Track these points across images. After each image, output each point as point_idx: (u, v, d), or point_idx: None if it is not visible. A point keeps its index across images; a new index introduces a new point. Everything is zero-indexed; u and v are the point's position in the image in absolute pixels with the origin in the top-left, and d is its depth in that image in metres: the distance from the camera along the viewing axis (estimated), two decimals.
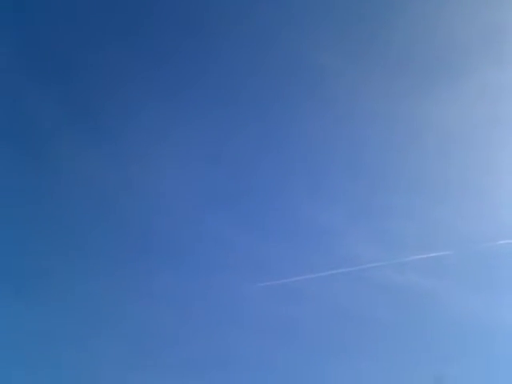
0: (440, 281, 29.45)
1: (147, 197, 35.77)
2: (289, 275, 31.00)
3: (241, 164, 36.90)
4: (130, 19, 34.26)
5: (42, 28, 32.87)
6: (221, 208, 38.38)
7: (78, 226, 33.57)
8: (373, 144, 37.51)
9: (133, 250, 32.85)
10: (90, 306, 29.54)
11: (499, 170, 32.52)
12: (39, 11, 31.43)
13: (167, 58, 39.07)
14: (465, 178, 34.31)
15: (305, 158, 36.48)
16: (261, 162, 38.76)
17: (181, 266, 32.50)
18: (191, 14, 32.71)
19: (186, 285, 31.05)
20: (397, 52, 36.04)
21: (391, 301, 30.00)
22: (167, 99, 38.37)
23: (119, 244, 32.78)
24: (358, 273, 30.20)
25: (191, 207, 34.89)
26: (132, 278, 31.15)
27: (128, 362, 26.44)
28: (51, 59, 34.08)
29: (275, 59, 37.51)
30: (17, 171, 31.44)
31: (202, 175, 36.81)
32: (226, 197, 37.39)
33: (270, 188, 36.77)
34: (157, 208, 36.80)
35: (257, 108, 38.80)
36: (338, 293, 31.50)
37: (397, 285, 30.18)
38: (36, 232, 31.41)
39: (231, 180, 37.07)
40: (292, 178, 36.92)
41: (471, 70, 33.39)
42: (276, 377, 26.75)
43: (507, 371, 20.99)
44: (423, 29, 33.20)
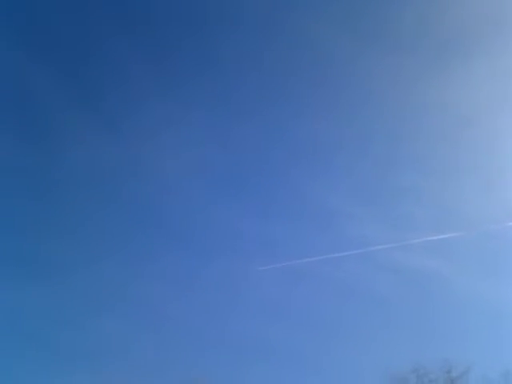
0: (448, 262, 29.42)
1: (155, 180, 35.33)
2: (297, 257, 30.95)
3: (248, 147, 36.32)
4: (140, 10, 33.36)
5: (52, 18, 32.21)
6: (228, 191, 37.75)
7: (87, 210, 33.33)
8: (381, 126, 36.67)
9: (141, 233, 32.79)
10: (100, 287, 29.66)
11: (508, 154, 31.80)
12: (50, 2, 30.79)
13: (178, 44, 37.82)
14: (474, 161, 33.70)
15: (313, 141, 35.84)
16: (268, 145, 37.92)
17: (188, 249, 32.50)
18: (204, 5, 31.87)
19: (194, 267, 31.12)
20: (408, 35, 34.98)
21: (400, 282, 29.97)
22: (177, 85, 37.73)
23: (127, 227, 32.72)
24: (367, 255, 30.12)
25: (199, 191, 34.54)
26: (140, 260, 31.19)
27: (136, 342, 26.73)
28: (60, 48, 33.35)
29: (285, 46, 36.32)
30: (25, 156, 31.23)
31: (210, 159, 36.25)
32: (234, 180, 36.84)
33: (278, 171, 36.23)
34: (165, 192, 36.32)
35: (264, 94, 37.89)
36: (347, 274, 31.46)
37: (406, 266, 30.13)
38: (45, 215, 31.40)
39: (239, 163, 36.50)
40: (300, 162, 36.29)
41: (482, 54, 32.38)
42: (284, 357, 27.01)
43: None
44: (435, 12, 32.27)
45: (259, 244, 34.72)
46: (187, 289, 32.08)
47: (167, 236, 35.05)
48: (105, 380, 23.49)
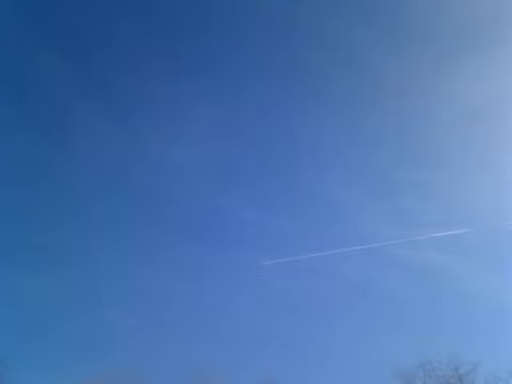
0: (457, 258, 29.30)
1: (164, 172, 35.32)
2: (306, 252, 30.92)
3: (258, 141, 36.19)
4: (154, 3, 33.21)
5: (62, 10, 32.11)
6: (238, 185, 37.66)
7: (96, 200, 33.42)
8: (391, 122, 36.44)
9: (149, 225, 32.84)
10: (108, 278, 29.80)
11: None
12: None
13: (191, 38, 37.54)
14: (484, 157, 33.44)
15: (322, 136, 35.67)
16: (278, 140, 37.81)
17: (197, 241, 32.54)
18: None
19: (203, 259, 31.17)
20: (422, 29, 34.59)
21: (408, 278, 29.89)
22: (188, 79, 37.38)
23: (135, 217, 32.76)
24: (375, 250, 30.07)
25: (208, 183, 34.51)
26: (148, 251, 31.29)
27: (143, 331, 26.86)
28: (72, 40, 33.29)
29: (297, 41, 35.97)
30: (36, 147, 31.30)
31: (220, 152, 36.16)
32: (243, 174, 36.74)
33: (287, 166, 36.10)
34: (174, 184, 36.31)
35: (276, 89, 37.61)
36: (355, 269, 31.40)
37: (414, 262, 30.05)
38: (55, 206, 31.51)
39: (249, 157, 36.37)
40: (310, 157, 36.15)
41: (495, 47, 31.98)
42: (291, 350, 27.05)
43: None
44: (447, 6, 31.88)
45: (267, 238, 34.84)
46: (195, 280, 32.30)
47: (175, 228, 35.25)
48: (113, 369, 23.72)
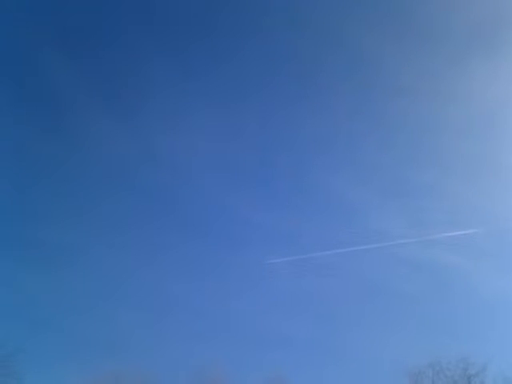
0: (468, 258, 29.04)
1: (171, 171, 35.41)
2: (317, 250, 30.84)
3: (266, 140, 36.13)
4: (160, 2, 33.29)
5: (69, 9, 32.31)
6: (245, 183, 37.65)
7: (103, 198, 33.62)
8: (403, 122, 36.18)
9: (155, 223, 32.94)
10: (116, 275, 29.94)
11: None
12: None
13: (201, 38, 37.59)
14: (495, 157, 33.11)
15: (334, 135, 35.55)
16: (289, 139, 37.73)
17: (204, 240, 32.55)
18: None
19: (210, 257, 31.21)
20: (435, 29, 34.28)
21: (419, 277, 29.68)
22: (194, 75, 37.44)
23: (140, 216, 32.88)
24: (386, 249, 29.90)
25: (215, 182, 34.53)
26: (153, 250, 31.37)
27: (149, 330, 26.97)
28: (78, 39, 33.49)
29: (307, 41, 35.85)
30: (39, 141, 31.55)
31: (228, 151, 36.16)
32: (253, 173, 36.70)
33: (298, 164, 36.01)
34: (181, 182, 36.39)
35: (286, 87, 37.51)
36: (366, 268, 31.25)
37: (425, 261, 29.82)
38: (61, 203, 31.73)
39: (258, 156, 36.35)
40: (321, 155, 36.03)
41: (509, 48, 31.58)
42: (300, 349, 27.02)
43: None
44: (460, 7, 31.54)
45: (276, 236, 34.77)
46: (201, 279, 32.33)
47: (181, 227, 35.27)
48: (116, 367, 23.79)
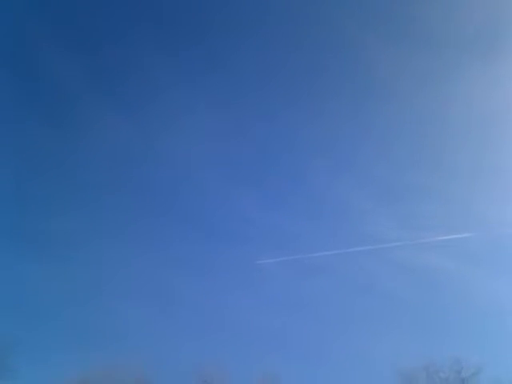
0: (461, 262, 29.22)
1: (172, 167, 35.30)
2: (311, 251, 30.89)
3: (266, 140, 36.15)
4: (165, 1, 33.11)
5: (74, 6, 32.11)
6: (245, 182, 37.65)
7: (102, 192, 33.46)
8: (400, 126, 36.34)
9: (154, 218, 32.85)
10: (113, 269, 29.84)
11: None
12: None
13: (205, 39, 37.46)
14: (493, 162, 33.33)
15: (331, 138, 35.62)
16: (287, 141, 37.78)
17: (203, 237, 32.50)
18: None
19: (208, 254, 31.15)
20: (435, 33, 34.42)
21: (412, 280, 29.84)
22: (197, 72, 37.30)
23: (141, 210, 32.79)
24: (380, 251, 30.00)
25: (215, 180, 34.51)
26: (153, 245, 31.33)
27: (148, 324, 26.91)
28: (82, 37, 33.31)
29: (309, 46, 35.79)
30: (44, 136, 31.34)
31: (229, 151, 36.12)
32: (251, 172, 36.69)
33: (295, 166, 36.07)
34: (181, 178, 36.28)
35: (286, 91, 37.55)
36: (360, 270, 31.37)
37: (418, 264, 29.98)
38: (64, 197, 31.58)
39: (257, 157, 36.36)
40: (318, 158, 36.11)
41: (509, 52, 31.87)
42: (294, 350, 27.02)
43: None
44: (461, 11, 31.70)
45: (273, 236, 34.84)
46: (199, 275, 32.35)
47: (182, 223, 35.29)
48: (115, 360, 23.81)
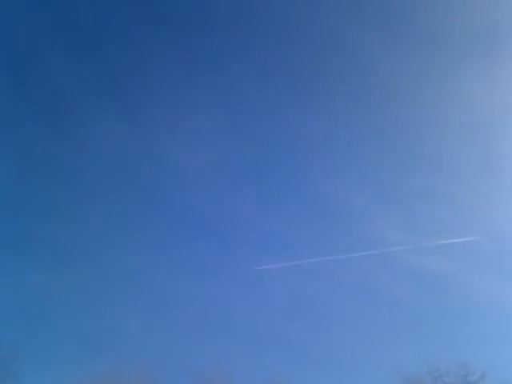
0: (465, 266, 28.95)
1: (173, 172, 35.19)
2: (314, 256, 30.69)
3: (269, 144, 36.11)
4: (164, 4, 33.33)
5: (74, 10, 32.24)
6: (246, 187, 37.45)
7: (103, 198, 33.42)
8: (403, 128, 36.23)
9: (155, 223, 32.76)
10: (114, 275, 29.73)
11: None
12: None
13: (203, 39, 37.53)
14: (496, 164, 33.09)
15: (334, 141, 35.53)
16: (289, 144, 37.71)
17: (205, 242, 32.37)
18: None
19: (210, 259, 31.02)
20: (436, 33, 34.41)
21: (417, 284, 29.56)
22: (198, 77, 37.33)
23: (142, 216, 32.72)
24: (384, 256, 29.78)
25: (217, 185, 34.36)
26: (154, 251, 31.20)
27: (150, 330, 26.75)
28: (82, 40, 33.41)
29: (309, 46, 35.84)
30: (43, 141, 31.39)
31: (230, 154, 36.05)
32: (254, 176, 36.58)
33: (298, 169, 35.94)
34: (184, 184, 36.22)
35: (287, 93, 37.55)
36: (364, 275, 31.11)
37: (423, 269, 29.72)
38: (63, 204, 31.56)
39: (259, 160, 36.26)
40: (321, 161, 36.00)
41: (507, 54, 31.74)
42: (298, 355, 26.79)
43: None
44: (459, 12, 31.74)
45: (275, 240, 34.69)
46: (201, 281, 32.22)
47: (183, 228, 35.19)
48: (117, 367, 23.72)
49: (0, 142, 33.05)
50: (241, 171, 36.89)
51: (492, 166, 31.79)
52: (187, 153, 35.55)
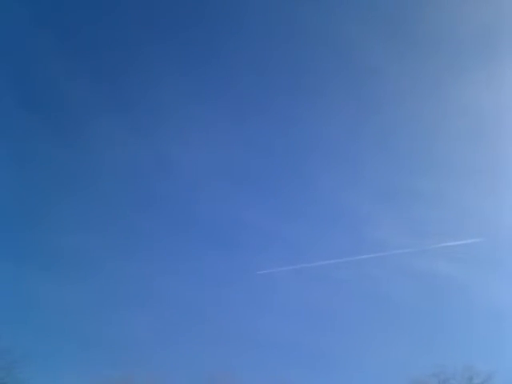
0: (467, 268, 29.12)
1: (181, 180, 35.39)
2: (316, 259, 30.87)
3: (273, 149, 36.31)
4: (169, 12, 33.51)
5: (81, 19, 32.40)
6: (252, 192, 37.62)
7: (110, 204, 33.60)
8: (403, 131, 36.44)
9: (162, 228, 33.00)
10: (120, 280, 29.90)
11: None
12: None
13: (205, 47, 37.72)
14: (497, 166, 33.33)
15: (335, 142, 35.73)
16: (291, 148, 37.91)
17: (211, 246, 32.52)
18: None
19: (210, 264, 31.18)
20: (433, 34, 34.54)
21: (420, 287, 29.73)
22: (200, 81, 37.46)
23: (150, 222, 32.92)
24: (386, 258, 29.96)
25: (224, 191, 34.58)
26: (159, 255, 31.40)
27: (155, 333, 26.92)
28: (90, 51, 33.61)
29: (310, 46, 36.10)
30: (54, 150, 31.59)
31: (235, 161, 36.24)
32: (258, 181, 36.79)
33: (300, 173, 36.16)
34: (190, 191, 36.37)
35: (291, 97, 37.75)
36: (366, 278, 31.31)
37: (425, 271, 29.91)
38: (74, 212, 31.72)
39: (263, 165, 36.45)
40: (322, 165, 36.16)
41: (507, 55, 31.93)
42: (302, 358, 26.96)
43: None
44: (456, 15, 31.88)
45: (277, 243, 34.86)
46: (205, 284, 32.38)
47: (189, 232, 35.34)
48: (124, 370, 23.87)
49: (13, 158, 33.24)
50: (244, 176, 37.11)
51: (495, 169, 31.99)
52: (192, 158, 35.77)
